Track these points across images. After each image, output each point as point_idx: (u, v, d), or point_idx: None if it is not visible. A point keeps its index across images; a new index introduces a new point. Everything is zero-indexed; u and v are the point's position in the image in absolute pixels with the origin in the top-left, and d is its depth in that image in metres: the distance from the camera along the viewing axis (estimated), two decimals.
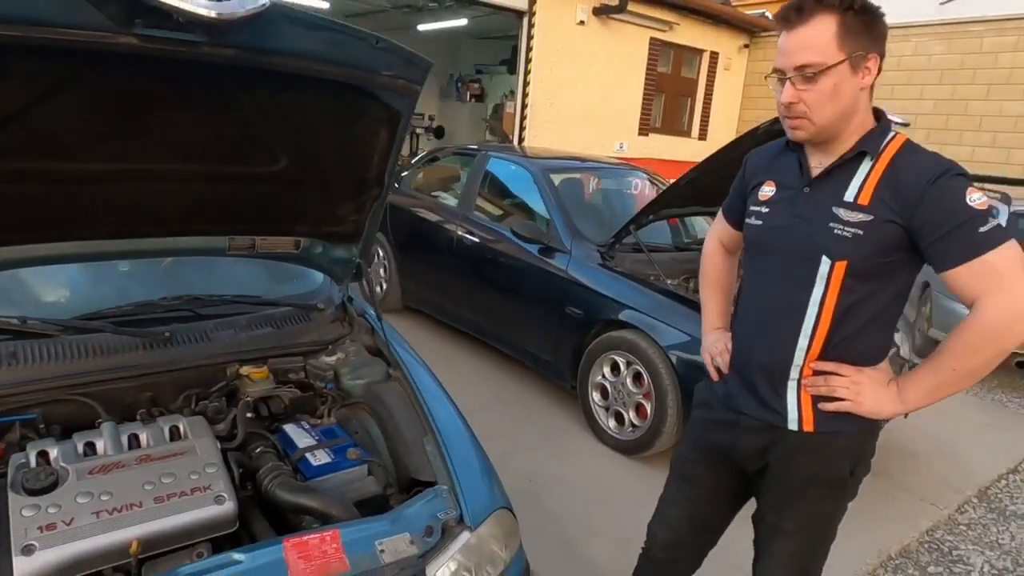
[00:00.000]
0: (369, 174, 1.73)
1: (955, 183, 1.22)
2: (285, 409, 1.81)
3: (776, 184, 1.44)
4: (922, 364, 1.33)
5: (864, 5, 1.25)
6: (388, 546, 1.35)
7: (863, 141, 1.32)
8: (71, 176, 1.39)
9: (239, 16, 1.02)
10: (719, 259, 1.72)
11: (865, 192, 1.29)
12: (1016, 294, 1.18)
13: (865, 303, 1.33)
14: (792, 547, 1.49)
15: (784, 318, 1.39)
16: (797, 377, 1.39)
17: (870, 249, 1.28)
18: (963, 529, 3.07)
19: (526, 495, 2.90)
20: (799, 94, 1.28)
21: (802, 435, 1.41)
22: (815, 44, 1.24)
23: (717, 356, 1.58)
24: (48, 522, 1.20)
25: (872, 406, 1.34)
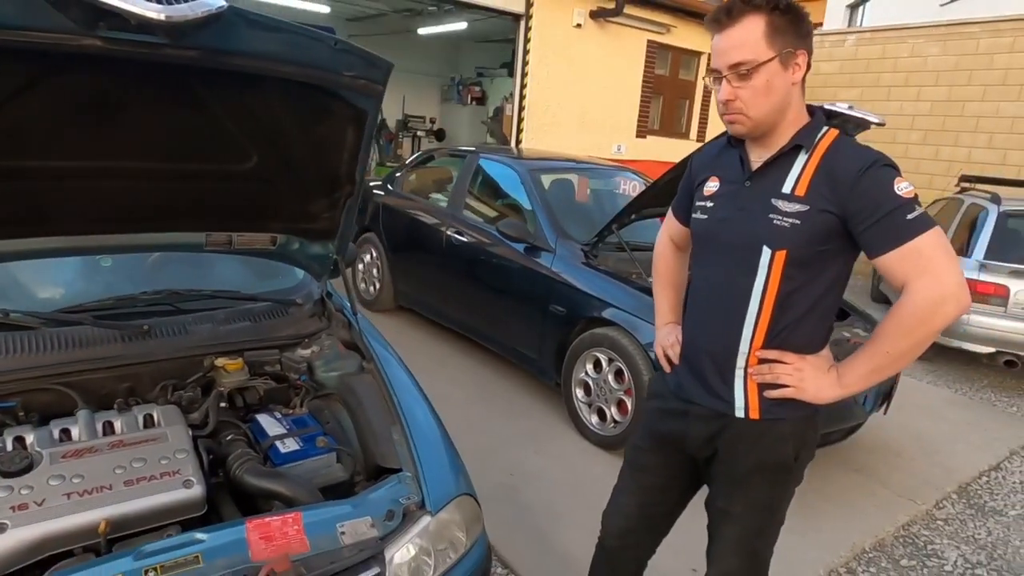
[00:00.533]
0: (340, 172, 1.79)
1: (883, 173, 1.29)
2: (260, 400, 1.87)
3: (720, 179, 1.51)
4: (859, 350, 1.38)
5: (789, 5, 1.31)
6: (349, 528, 1.40)
7: (798, 135, 1.38)
8: (46, 173, 1.45)
9: (190, 19, 1.08)
10: (670, 256, 1.78)
11: (801, 183, 1.35)
12: (941, 276, 1.24)
13: (804, 291, 1.38)
14: (740, 531, 1.54)
15: (729, 307, 1.44)
16: (743, 366, 1.44)
17: (807, 238, 1.34)
18: (940, 524, 3.10)
19: (507, 488, 2.96)
20: (735, 91, 1.34)
21: (748, 422, 1.46)
22: (746, 43, 1.30)
23: (668, 348, 1.64)
24: (20, 502, 1.26)
25: (814, 392, 1.39)
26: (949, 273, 1.25)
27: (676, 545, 1.85)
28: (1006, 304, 4.83)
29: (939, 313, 1.25)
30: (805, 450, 1.49)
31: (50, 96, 1.30)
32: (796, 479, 1.53)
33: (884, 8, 14.01)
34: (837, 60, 9.74)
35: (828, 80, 9.77)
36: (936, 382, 5.14)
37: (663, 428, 1.63)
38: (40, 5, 1.07)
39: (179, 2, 1.09)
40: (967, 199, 5.93)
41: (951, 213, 6.00)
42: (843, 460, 3.56)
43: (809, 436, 1.49)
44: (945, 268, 1.25)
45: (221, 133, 1.55)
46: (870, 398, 3.26)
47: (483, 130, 11.70)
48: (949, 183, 7.58)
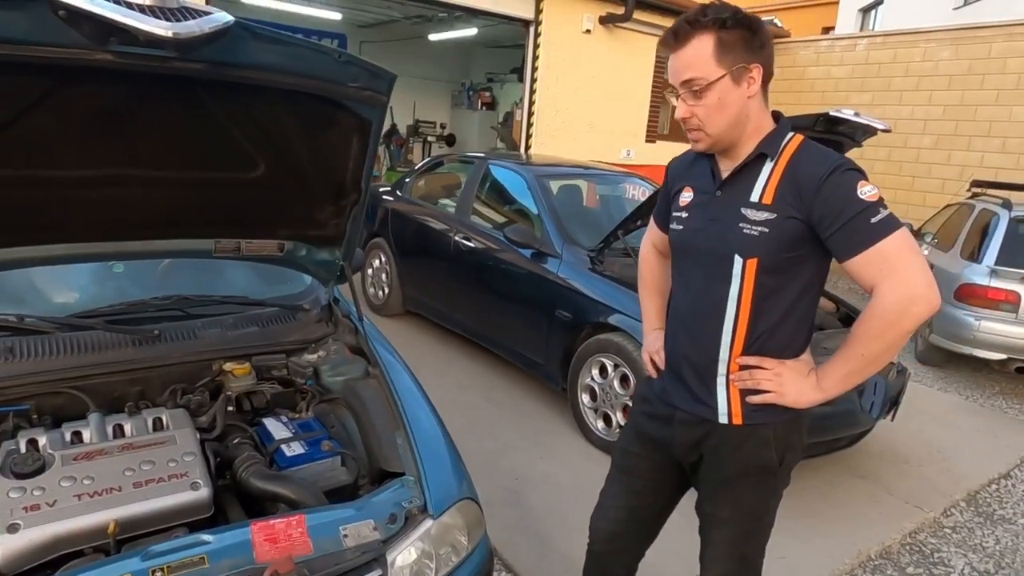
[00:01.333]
0: (346, 179, 1.82)
1: (846, 177, 1.30)
2: (267, 404, 1.90)
3: (693, 190, 1.53)
4: (835, 354, 1.40)
5: (737, 20, 1.31)
6: (352, 531, 1.42)
7: (763, 143, 1.40)
8: (60, 183, 1.50)
9: (198, 35, 1.11)
10: (654, 263, 1.80)
11: (768, 191, 1.37)
12: (908, 278, 1.25)
13: (779, 297, 1.40)
14: (729, 535, 1.56)
15: (707, 316, 1.47)
16: (725, 372, 1.46)
17: (776, 245, 1.36)
18: (947, 532, 3.08)
19: (512, 493, 2.97)
20: (691, 109, 1.37)
21: (731, 427, 1.48)
22: (694, 63, 1.32)
23: (654, 354, 1.66)
24: (32, 503, 1.30)
25: (794, 396, 1.41)
26: (916, 274, 1.26)
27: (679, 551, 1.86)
28: (1017, 310, 4.79)
29: (908, 314, 1.26)
30: (790, 453, 1.51)
31: (64, 108, 1.35)
32: (783, 482, 1.54)
33: (896, 12, 13.96)
34: (848, 64, 9.70)
35: (839, 84, 9.73)
36: (946, 388, 5.10)
37: (650, 432, 1.65)
38: (55, 22, 1.11)
39: (187, 18, 1.12)
40: (979, 204, 5.88)
41: (963, 218, 5.96)
42: (849, 466, 3.54)
43: (793, 439, 1.51)
44: (912, 269, 1.26)
45: (229, 143, 1.59)
46: (877, 404, 3.25)
47: (493, 135, 11.75)
48: (961, 188, 7.52)
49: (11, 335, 1.71)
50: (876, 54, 9.38)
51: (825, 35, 12.69)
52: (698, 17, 1.31)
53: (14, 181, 1.45)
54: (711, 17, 1.31)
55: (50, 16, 1.10)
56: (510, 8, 7.84)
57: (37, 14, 1.10)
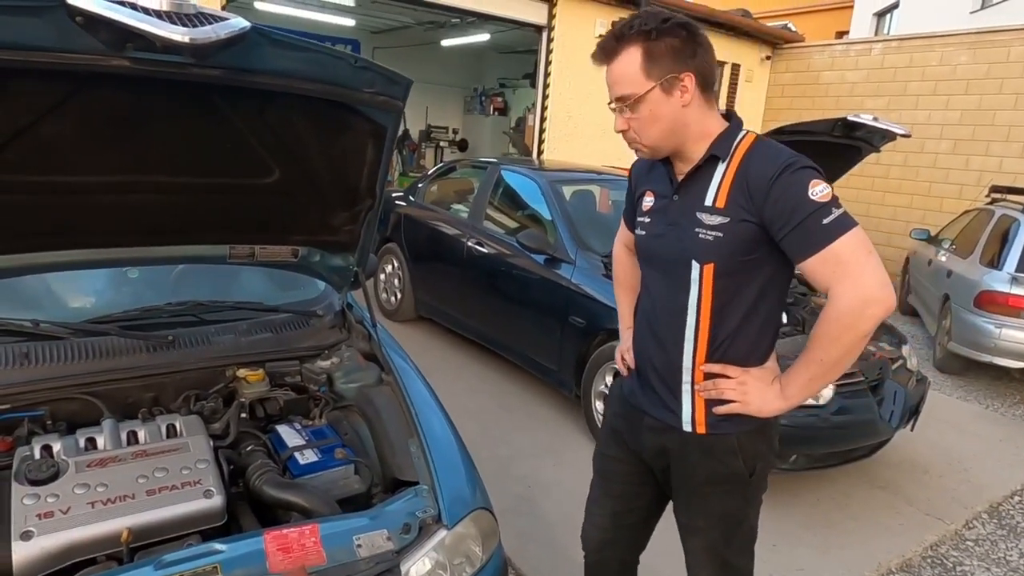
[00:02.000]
0: (360, 185, 1.81)
1: (797, 177, 1.26)
2: (280, 410, 1.89)
3: (654, 194, 1.51)
4: (796, 361, 1.37)
5: (664, 30, 1.28)
6: (365, 541, 1.41)
7: (713, 145, 1.37)
8: (76, 188, 1.50)
9: (214, 41, 1.11)
10: (626, 262, 1.78)
11: (721, 194, 1.35)
12: (861, 279, 1.23)
13: (738, 302, 1.38)
14: (706, 543, 1.54)
15: (669, 322, 1.45)
16: (690, 380, 1.44)
17: (731, 249, 1.33)
18: (970, 545, 3.02)
19: (525, 500, 2.95)
20: (627, 121, 1.36)
21: (696, 436, 1.46)
22: (624, 78, 1.31)
23: (626, 353, 1.64)
24: (46, 510, 1.29)
25: (758, 405, 1.39)
26: (870, 275, 1.23)
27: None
28: None
29: (864, 316, 1.24)
30: (760, 461, 1.49)
31: (80, 114, 1.35)
32: (758, 488, 1.52)
33: (912, 16, 13.84)
34: (863, 69, 9.62)
35: (854, 89, 9.65)
36: (966, 397, 5.02)
37: (623, 433, 1.64)
38: (72, 28, 1.11)
39: (204, 24, 1.12)
40: (998, 210, 5.80)
41: (982, 224, 5.88)
42: (868, 477, 3.49)
43: (761, 448, 1.48)
44: (865, 270, 1.23)
45: (244, 148, 1.59)
46: (896, 413, 3.20)
47: (505, 140, 11.76)
48: (980, 193, 7.43)
49: (27, 340, 1.71)
50: (892, 58, 9.30)
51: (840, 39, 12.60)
52: (624, 31, 1.29)
53: (30, 187, 1.45)
54: (636, 30, 1.28)
55: (68, 22, 1.10)
56: (523, 14, 7.85)
57: (55, 20, 1.10)
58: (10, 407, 1.57)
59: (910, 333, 6.14)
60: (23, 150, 1.34)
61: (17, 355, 1.65)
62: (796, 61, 10.48)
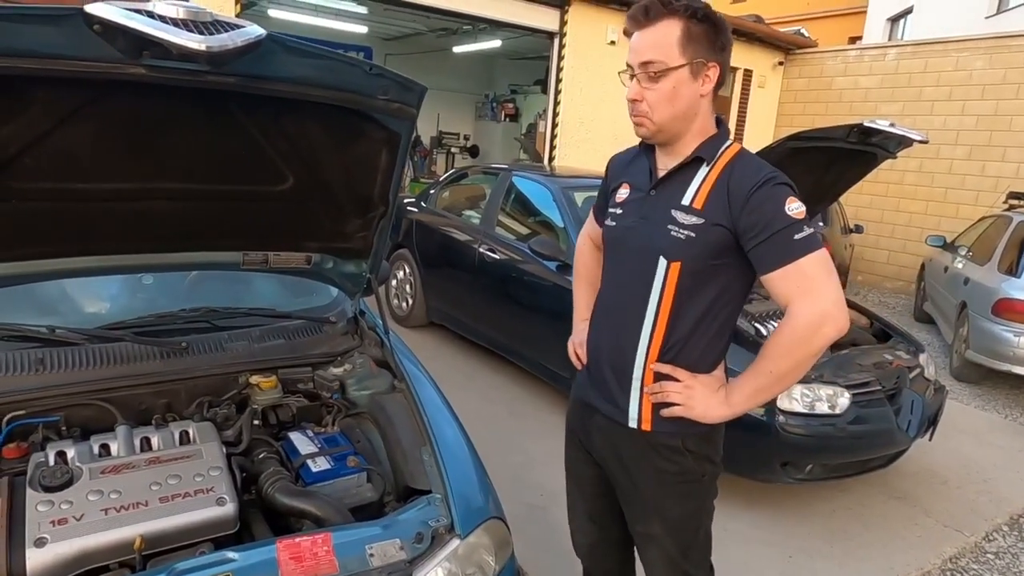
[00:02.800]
0: (374, 192, 1.81)
1: (776, 191, 1.29)
2: (292, 417, 1.89)
3: (630, 186, 1.52)
4: (745, 371, 1.38)
5: (707, 14, 1.31)
6: (377, 550, 1.40)
7: (701, 147, 1.38)
8: (91, 195, 1.51)
9: (230, 49, 1.11)
10: (588, 255, 1.80)
11: (700, 196, 1.36)
12: (822, 297, 1.25)
13: (699, 305, 1.39)
14: (665, 553, 1.54)
15: (627, 315, 1.45)
16: (640, 376, 1.45)
17: (700, 251, 1.34)
18: (990, 558, 2.97)
19: (537, 509, 2.93)
20: (643, 92, 1.36)
21: (641, 433, 1.47)
22: (659, 45, 1.32)
23: (579, 347, 1.66)
24: (60, 517, 1.29)
25: (702, 410, 1.40)
26: (829, 294, 1.26)
27: None
28: None
29: (818, 334, 1.26)
30: (709, 464, 1.49)
31: (97, 121, 1.36)
32: (709, 493, 1.52)
33: (926, 21, 13.75)
34: (878, 74, 9.56)
35: (868, 95, 9.60)
36: (984, 407, 4.94)
37: (577, 431, 1.64)
38: (89, 36, 1.12)
39: (220, 31, 1.12)
40: (1016, 217, 5.73)
41: (999, 231, 5.81)
42: (886, 487, 3.44)
43: (708, 450, 1.48)
44: (826, 290, 1.26)
45: (259, 155, 1.59)
46: (914, 423, 3.15)
47: (516, 146, 11.78)
48: (996, 200, 7.34)
49: (42, 346, 1.72)
50: (907, 63, 9.23)
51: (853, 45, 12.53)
52: (671, 0, 1.31)
53: (47, 194, 1.46)
54: (684, 3, 1.30)
55: (85, 30, 1.11)
56: (534, 20, 7.87)
57: (72, 28, 1.11)
58: (25, 413, 1.58)
59: (926, 341, 6.07)
60: (40, 157, 1.35)
61: (33, 361, 1.65)
62: (809, 67, 10.43)
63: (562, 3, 7.88)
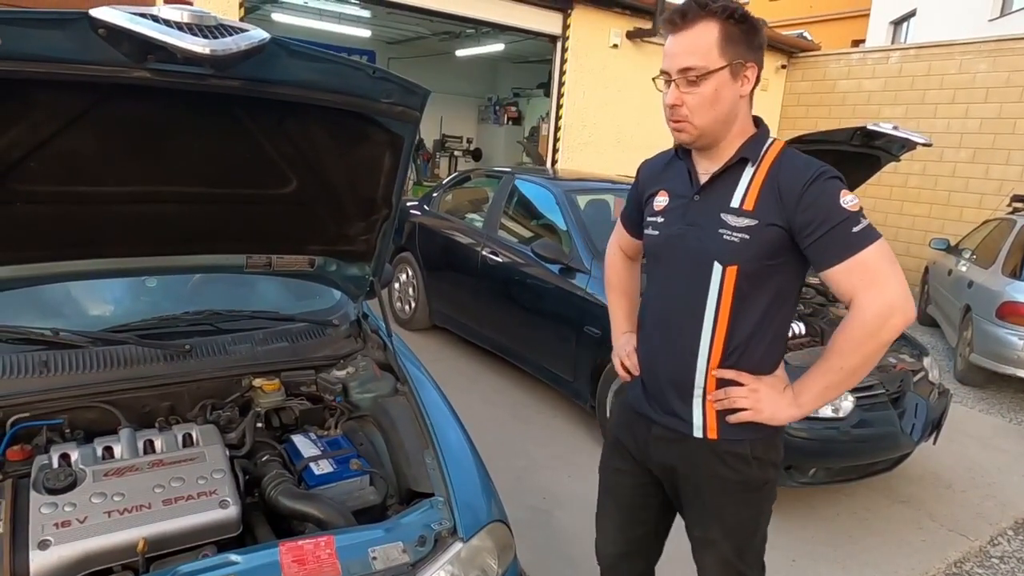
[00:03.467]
0: (377, 195, 1.82)
1: (829, 185, 1.27)
2: (295, 420, 1.89)
3: (668, 194, 1.48)
4: (811, 368, 1.36)
5: (744, 15, 1.29)
6: (380, 553, 1.40)
7: (744, 148, 1.37)
8: (95, 198, 1.51)
9: (234, 52, 1.11)
10: (620, 266, 1.76)
11: (749, 197, 1.34)
12: (888, 288, 1.23)
13: (758, 307, 1.37)
14: (722, 556, 1.52)
15: (683, 326, 1.43)
16: (702, 385, 1.43)
17: (756, 252, 1.32)
18: (995, 562, 2.95)
19: (540, 512, 2.92)
20: (682, 96, 1.32)
21: (707, 442, 1.44)
22: (698, 49, 1.29)
23: (626, 358, 1.62)
24: (64, 519, 1.29)
25: (770, 413, 1.38)
26: (895, 285, 1.24)
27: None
28: None
29: (887, 326, 1.24)
30: (772, 469, 1.47)
31: (101, 125, 1.36)
32: (768, 497, 1.50)
33: (929, 24, 13.74)
34: (881, 77, 9.55)
35: (871, 98, 9.58)
36: (988, 410, 4.92)
37: (627, 444, 1.61)
38: (94, 40, 1.12)
39: (224, 35, 1.12)
40: (1020, 219, 5.71)
41: (1003, 234, 5.79)
42: (889, 491, 3.43)
43: (772, 455, 1.47)
44: (891, 280, 1.24)
45: (262, 159, 1.59)
46: (918, 427, 3.14)
47: (519, 150, 11.79)
48: (1001, 203, 7.32)
49: (46, 349, 1.72)
50: (910, 66, 9.22)
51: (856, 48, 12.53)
52: (708, 2, 1.29)
53: (52, 197, 1.47)
54: (720, 4, 1.28)
55: (90, 34, 1.11)
56: (537, 24, 7.88)
57: (78, 33, 1.12)
58: (29, 415, 1.58)
59: (929, 344, 6.05)
60: (45, 161, 1.35)
61: (37, 364, 1.66)
62: (812, 70, 10.42)
63: (564, 7, 7.89)
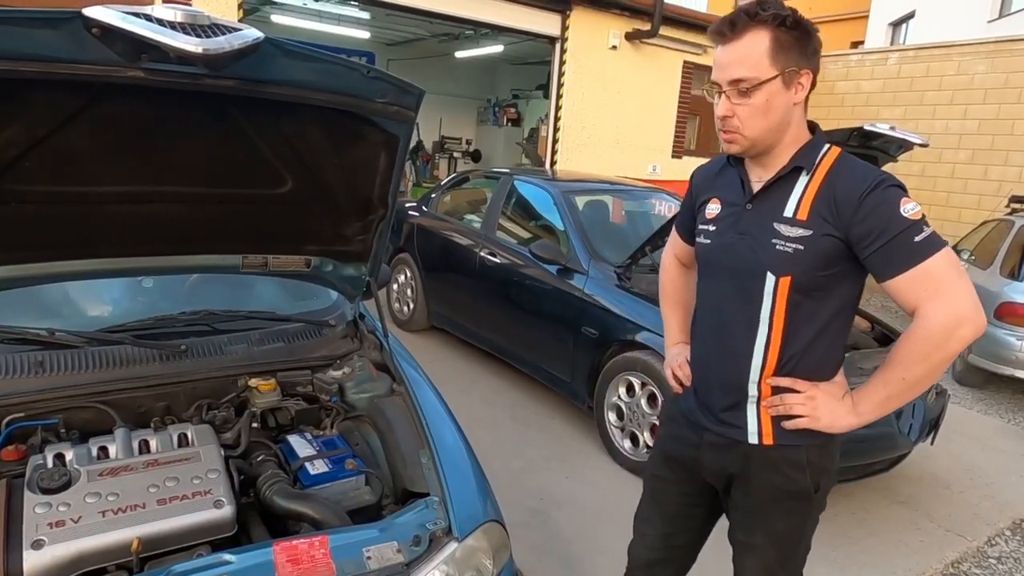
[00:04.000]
0: (373, 195, 1.81)
1: (889, 194, 1.24)
2: (291, 420, 1.89)
3: (721, 201, 1.46)
4: (873, 377, 1.33)
5: (796, 21, 1.26)
6: (375, 553, 1.39)
7: (798, 156, 1.34)
8: (90, 198, 1.51)
9: (227, 51, 1.11)
10: (676, 274, 1.74)
11: (803, 207, 1.31)
12: (955, 298, 1.20)
13: (812, 316, 1.34)
14: (763, 562, 1.50)
15: (737, 336, 1.41)
16: (756, 394, 1.41)
17: (811, 263, 1.30)
18: (992, 563, 2.95)
19: (537, 513, 2.92)
20: (733, 108, 1.30)
21: (762, 448, 1.42)
22: (748, 59, 1.26)
23: (677, 369, 1.60)
24: (58, 519, 1.29)
25: (828, 420, 1.35)
26: (962, 295, 1.21)
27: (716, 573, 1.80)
28: None
29: (954, 337, 1.21)
30: (825, 478, 1.44)
31: (96, 125, 1.36)
32: (818, 507, 1.48)
33: (928, 26, 13.75)
34: (879, 79, 9.57)
35: (870, 99, 9.59)
36: (986, 411, 4.92)
37: (677, 454, 1.59)
38: (88, 40, 1.12)
39: (217, 35, 1.12)
40: (1018, 220, 5.72)
41: (1001, 235, 5.80)
42: (887, 491, 3.42)
43: (827, 464, 1.44)
44: (958, 290, 1.21)
45: (258, 159, 1.59)
46: (916, 427, 3.14)
47: (518, 151, 11.79)
48: (999, 204, 7.33)
49: (42, 349, 1.72)
50: (908, 68, 9.24)
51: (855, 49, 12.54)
52: (756, 10, 1.25)
53: (47, 197, 1.47)
54: (771, 12, 1.24)
55: (84, 34, 1.11)
56: (536, 25, 7.89)
57: (71, 32, 1.11)
58: (25, 415, 1.58)
59: None
60: (40, 160, 1.35)
61: (32, 364, 1.66)
62: None
63: (563, 8, 7.90)
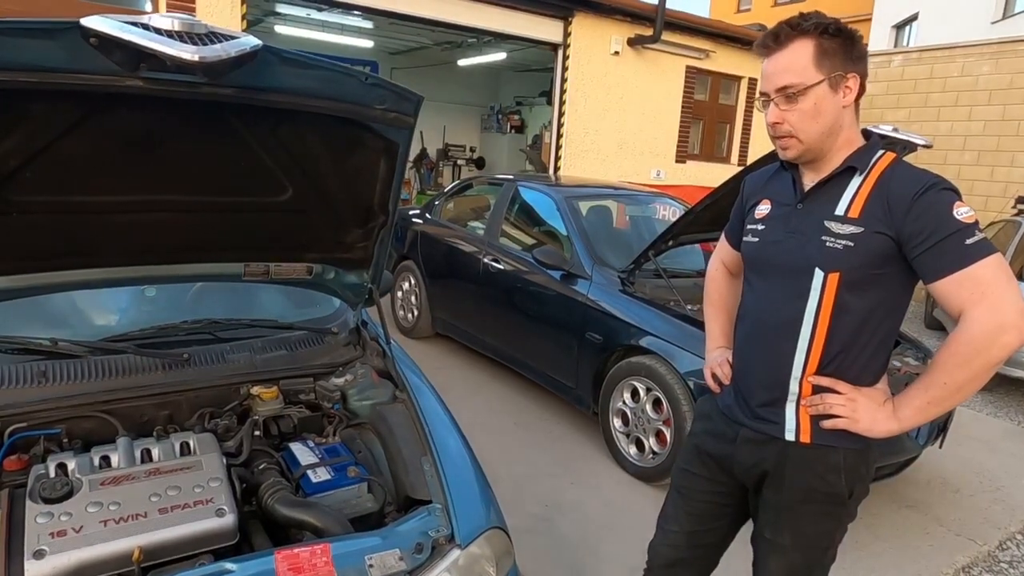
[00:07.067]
0: (373, 202, 1.82)
1: (943, 196, 1.25)
2: (294, 428, 1.88)
3: (771, 202, 1.49)
4: (915, 382, 1.32)
5: (839, 28, 1.30)
6: (377, 561, 1.39)
7: (852, 157, 1.36)
8: (91, 208, 1.52)
9: (224, 59, 1.12)
10: (722, 280, 1.75)
11: (855, 205, 1.33)
12: (1001, 305, 1.19)
13: (858, 317, 1.34)
14: (788, 564, 1.48)
15: (781, 332, 1.41)
16: (797, 391, 1.40)
17: (861, 260, 1.30)
18: (1004, 567, 2.91)
19: (542, 520, 2.90)
20: (783, 114, 1.33)
21: (799, 446, 1.41)
22: (793, 67, 1.30)
23: (717, 368, 1.60)
24: (59, 529, 1.29)
25: (867, 424, 1.34)
26: (1010, 301, 1.19)
27: None
28: None
29: (998, 343, 1.19)
30: (859, 484, 1.43)
31: (96, 134, 1.37)
32: (849, 515, 1.46)
33: (931, 28, 13.73)
34: (883, 81, 9.55)
35: (874, 101, 9.57)
36: (997, 413, 4.88)
37: (710, 451, 1.58)
38: (86, 50, 1.13)
39: (214, 43, 1.13)
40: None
41: (1008, 236, 5.76)
42: (896, 495, 3.39)
43: (862, 470, 1.43)
44: (1005, 296, 1.19)
45: (258, 166, 1.60)
46: (924, 430, 3.11)
47: (522, 158, 11.81)
48: (1005, 205, 7.29)
49: (45, 359, 1.73)
50: (912, 70, 9.22)
51: None
52: (799, 22, 1.30)
53: (48, 207, 1.47)
54: (813, 22, 1.29)
55: (82, 44, 1.12)
56: (539, 32, 7.91)
57: (69, 42, 1.12)
58: (27, 425, 1.58)
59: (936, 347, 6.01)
60: (41, 170, 1.36)
61: (35, 373, 1.66)
62: None
63: (566, 15, 7.92)
